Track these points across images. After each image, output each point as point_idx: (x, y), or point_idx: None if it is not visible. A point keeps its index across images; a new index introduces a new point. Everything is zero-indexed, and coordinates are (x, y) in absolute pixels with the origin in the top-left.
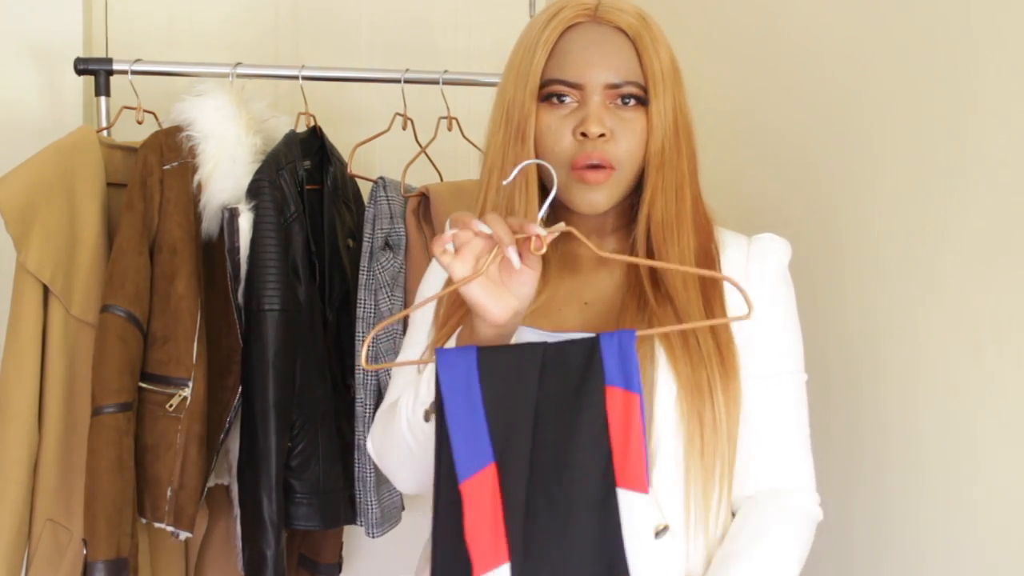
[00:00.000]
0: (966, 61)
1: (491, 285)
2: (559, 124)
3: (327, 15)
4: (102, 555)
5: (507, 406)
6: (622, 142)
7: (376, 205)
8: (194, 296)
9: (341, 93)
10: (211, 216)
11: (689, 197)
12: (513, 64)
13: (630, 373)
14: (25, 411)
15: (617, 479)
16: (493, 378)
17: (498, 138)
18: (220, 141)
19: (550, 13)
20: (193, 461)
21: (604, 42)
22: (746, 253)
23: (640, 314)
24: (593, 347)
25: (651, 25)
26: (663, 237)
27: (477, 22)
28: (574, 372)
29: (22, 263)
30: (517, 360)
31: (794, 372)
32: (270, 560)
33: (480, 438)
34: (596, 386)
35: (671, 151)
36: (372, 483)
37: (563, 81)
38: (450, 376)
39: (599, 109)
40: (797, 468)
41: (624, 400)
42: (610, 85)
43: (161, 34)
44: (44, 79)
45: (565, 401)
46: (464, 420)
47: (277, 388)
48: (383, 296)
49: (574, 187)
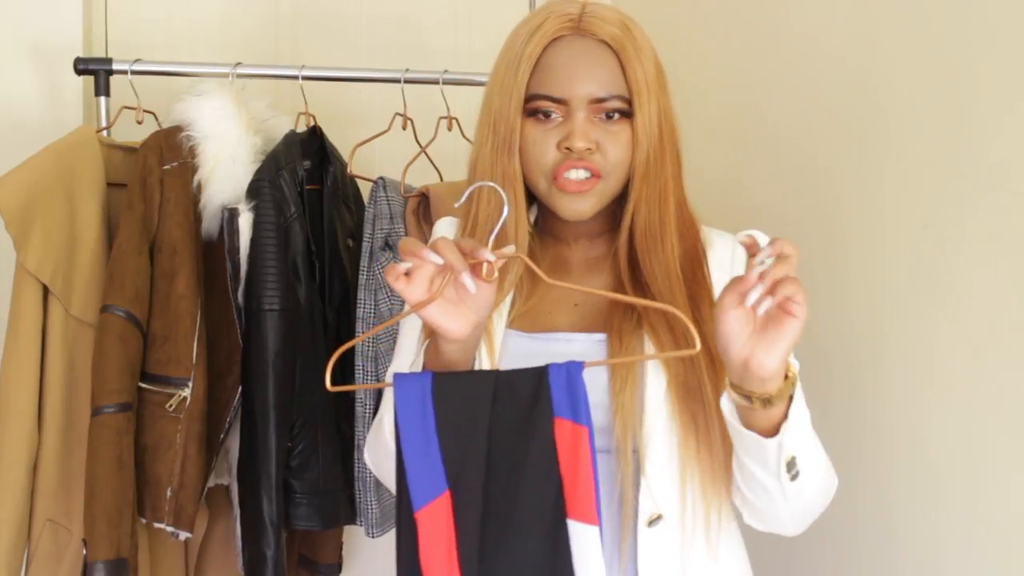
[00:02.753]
0: (968, 62)
1: (448, 305)
2: (544, 137)
3: (327, 15)
4: (102, 555)
5: (460, 434)
6: (609, 153)
7: (376, 205)
8: (194, 296)
9: (341, 93)
10: (211, 216)
11: (673, 203)
12: (498, 76)
13: (578, 405)
14: (25, 411)
15: (568, 510)
16: (446, 405)
17: (486, 150)
18: (220, 141)
19: (533, 25)
20: (193, 461)
21: (588, 56)
22: (732, 251)
23: (628, 316)
24: (541, 377)
25: (634, 34)
26: (646, 246)
27: (477, 22)
28: (524, 402)
29: (22, 263)
30: (470, 387)
31: None
32: (270, 560)
33: (434, 466)
34: (545, 417)
35: (656, 160)
36: (372, 483)
37: (548, 96)
38: (406, 402)
39: (584, 124)
40: None
41: (572, 432)
42: (595, 99)
43: (161, 34)
44: (44, 79)
45: (516, 431)
46: (419, 448)
47: (277, 388)
48: (383, 296)
49: (557, 195)
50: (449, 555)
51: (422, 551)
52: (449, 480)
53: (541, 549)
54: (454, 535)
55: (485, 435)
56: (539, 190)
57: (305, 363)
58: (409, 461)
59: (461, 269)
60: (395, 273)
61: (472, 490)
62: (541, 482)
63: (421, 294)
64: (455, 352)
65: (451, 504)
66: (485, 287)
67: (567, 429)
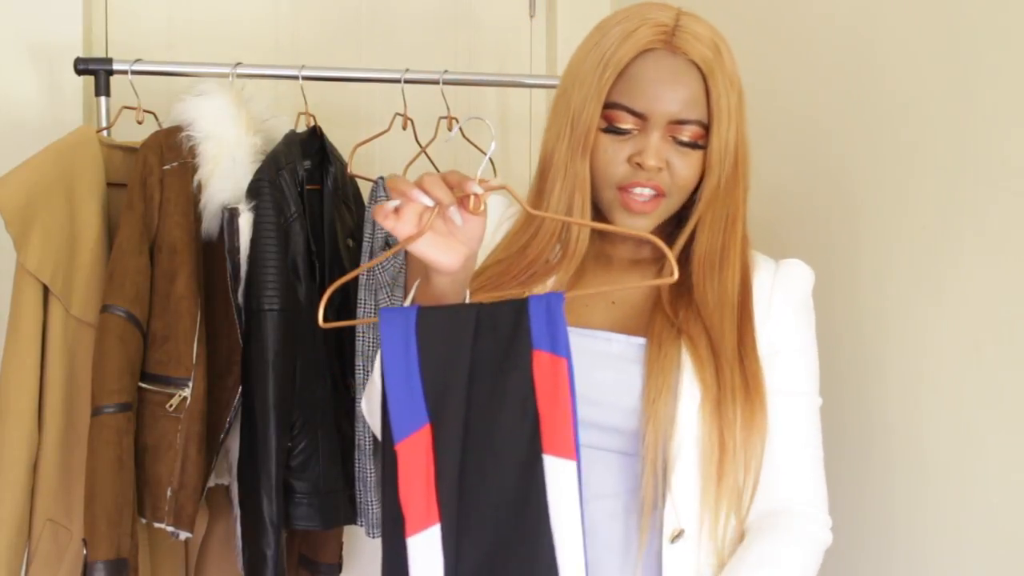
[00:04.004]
0: (970, 63)
1: (438, 238)
2: (616, 148)
3: (327, 15)
4: (102, 555)
5: (442, 367)
6: (676, 173)
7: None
8: (194, 296)
9: (341, 93)
10: (211, 216)
11: (740, 229)
12: (582, 71)
13: (557, 336)
14: (25, 411)
15: (544, 445)
16: (429, 338)
17: (563, 146)
18: (220, 141)
19: (626, 29)
20: (193, 461)
21: (675, 75)
22: (772, 278)
23: (669, 324)
24: (521, 309)
25: (724, 57)
26: (703, 271)
27: (477, 22)
28: (504, 334)
29: (22, 263)
30: (452, 320)
31: (810, 394)
32: (270, 560)
33: (416, 399)
34: (523, 349)
35: (727, 186)
36: (372, 483)
37: (629, 109)
38: (391, 336)
39: (659, 142)
40: (810, 488)
41: (551, 364)
42: (675, 120)
43: (161, 34)
44: (44, 79)
45: (496, 363)
46: (401, 381)
47: (277, 388)
48: (383, 296)
49: (620, 210)
50: (428, 487)
51: (401, 483)
52: (430, 413)
53: (516, 484)
54: (433, 467)
55: (466, 368)
56: (603, 198)
57: (305, 363)
58: (391, 394)
59: (449, 203)
60: (384, 211)
61: (452, 423)
62: (518, 416)
63: (411, 229)
64: (446, 285)
65: (431, 437)
66: (474, 219)
67: (546, 361)
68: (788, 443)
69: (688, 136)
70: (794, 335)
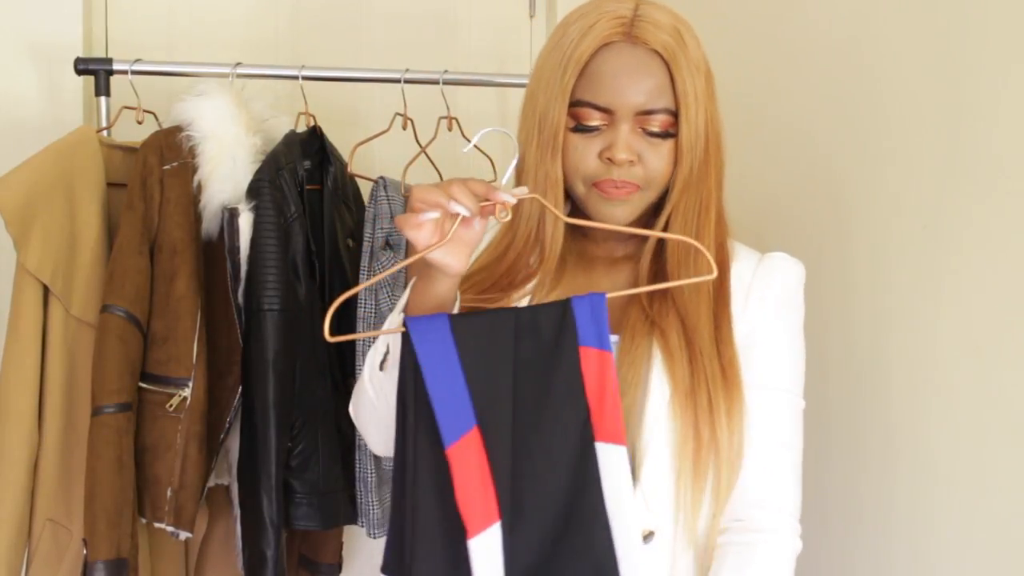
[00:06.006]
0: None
1: (449, 244)
2: (585, 145)
3: (327, 15)
4: (102, 555)
5: (485, 370)
6: (649, 165)
7: (376, 205)
8: (194, 296)
9: (341, 93)
10: (211, 216)
11: (713, 215)
12: (545, 72)
13: (602, 333)
14: (25, 411)
15: (596, 434)
16: (469, 344)
17: (532, 148)
18: (220, 141)
19: (584, 25)
20: (193, 461)
21: (637, 67)
22: (753, 269)
23: (642, 318)
24: (566, 310)
25: (686, 42)
26: (678, 260)
27: (477, 22)
28: (548, 334)
29: (22, 263)
30: (491, 325)
31: (790, 391)
32: (270, 560)
33: (462, 403)
34: (570, 346)
35: (699, 171)
36: (373, 483)
37: (594, 105)
38: (425, 343)
39: (628, 135)
40: (783, 492)
41: (598, 358)
42: (641, 111)
43: (161, 34)
44: (44, 79)
45: (541, 362)
46: (446, 387)
47: (277, 388)
48: (383, 296)
49: (596, 201)
50: (485, 487)
51: (457, 486)
52: (477, 415)
53: (571, 473)
54: (487, 467)
55: (511, 369)
56: (577, 193)
57: (305, 363)
58: (437, 400)
59: (476, 213)
60: (414, 222)
61: (501, 422)
62: (569, 410)
63: (431, 237)
64: (450, 287)
65: (481, 438)
66: (478, 221)
67: (593, 356)
68: (766, 443)
69: (657, 126)
70: (773, 329)
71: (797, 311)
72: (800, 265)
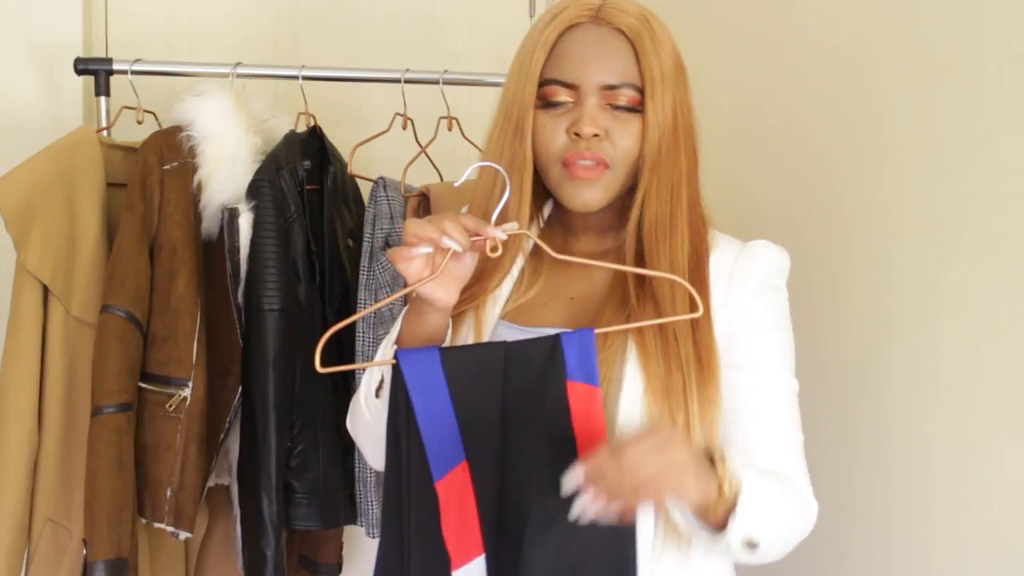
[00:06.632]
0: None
1: (439, 277)
2: (554, 123)
3: (327, 15)
4: (102, 555)
5: (475, 403)
6: (617, 142)
7: (376, 205)
8: (194, 296)
9: (341, 93)
10: (211, 216)
11: (686, 198)
12: (515, 63)
13: (590, 368)
14: (25, 411)
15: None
16: (459, 377)
17: (496, 132)
18: (220, 141)
19: (553, 12)
20: (193, 461)
21: (602, 43)
22: (734, 258)
23: (619, 311)
24: (555, 345)
25: (654, 27)
26: (654, 238)
27: (477, 22)
28: (536, 369)
29: (22, 263)
30: (480, 359)
31: (782, 373)
32: (270, 560)
33: (452, 437)
34: (558, 381)
35: (668, 152)
36: (372, 483)
37: (560, 81)
38: (415, 376)
39: (593, 109)
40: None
41: (586, 393)
42: (606, 86)
43: (161, 34)
44: (44, 79)
45: (529, 396)
46: (436, 421)
47: (277, 388)
48: (383, 296)
49: (566, 184)
50: (470, 521)
51: (444, 519)
52: (466, 449)
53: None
54: (473, 501)
55: (499, 403)
56: (550, 179)
57: (305, 363)
58: (428, 436)
59: (467, 248)
60: (406, 256)
61: (489, 456)
62: (556, 443)
63: (422, 271)
64: (441, 319)
65: (469, 472)
66: (468, 255)
67: (581, 391)
68: (768, 428)
69: (624, 101)
70: (755, 311)
71: (780, 295)
72: (783, 252)
